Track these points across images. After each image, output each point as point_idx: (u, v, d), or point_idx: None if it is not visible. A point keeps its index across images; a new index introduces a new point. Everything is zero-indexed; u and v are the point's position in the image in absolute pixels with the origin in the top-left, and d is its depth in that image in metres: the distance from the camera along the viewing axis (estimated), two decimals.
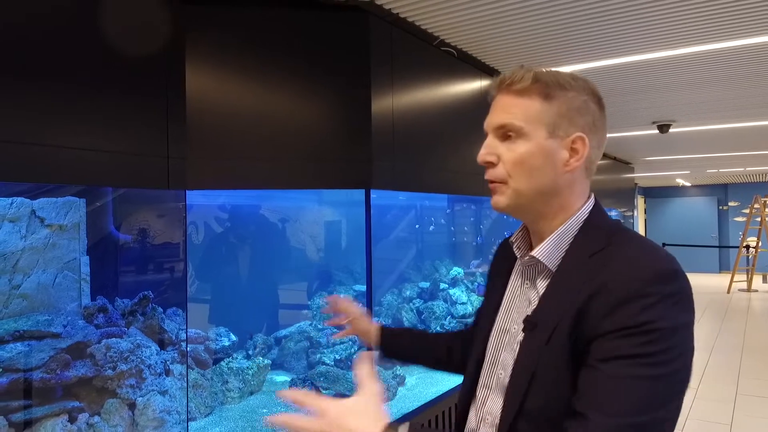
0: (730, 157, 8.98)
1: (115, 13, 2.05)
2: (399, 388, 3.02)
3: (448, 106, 3.12)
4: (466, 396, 1.08)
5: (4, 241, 2.17)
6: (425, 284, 3.84)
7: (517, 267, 1.07)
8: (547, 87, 0.97)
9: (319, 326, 3.24)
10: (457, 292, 3.81)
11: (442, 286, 3.83)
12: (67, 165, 1.91)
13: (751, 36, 2.94)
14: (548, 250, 0.98)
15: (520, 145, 0.96)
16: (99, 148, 1.99)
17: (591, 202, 1.01)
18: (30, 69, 1.80)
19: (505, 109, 0.98)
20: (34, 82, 1.81)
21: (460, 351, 1.30)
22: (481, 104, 3.40)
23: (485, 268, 4.40)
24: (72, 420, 2.06)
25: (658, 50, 3.20)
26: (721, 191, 15.43)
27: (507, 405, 0.94)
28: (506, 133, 0.98)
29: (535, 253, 0.98)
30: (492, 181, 1.00)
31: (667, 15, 2.65)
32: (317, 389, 2.79)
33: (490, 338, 1.06)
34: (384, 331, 1.41)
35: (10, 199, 2.21)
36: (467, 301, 3.80)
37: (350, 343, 3.10)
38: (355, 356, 3.04)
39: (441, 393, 3.00)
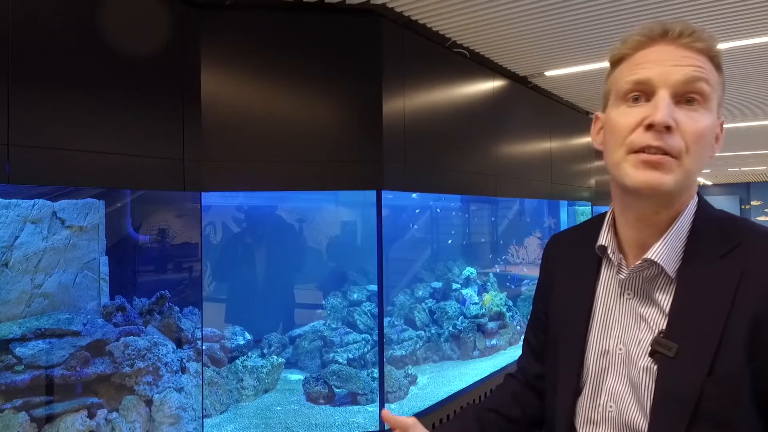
0: (751, 156, 8.82)
1: (131, 20, 2.10)
2: (411, 388, 3.04)
3: (460, 107, 3.13)
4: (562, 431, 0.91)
5: (27, 242, 2.24)
6: (438, 284, 3.85)
7: (610, 275, 0.89)
8: (718, 53, 0.79)
9: (333, 326, 3.28)
10: (470, 292, 3.82)
11: (455, 286, 3.84)
12: (87, 168, 1.97)
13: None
14: (667, 251, 0.80)
15: (703, 114, 0.77)
16: (117, 152, 2.05)
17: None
18: (50, 76, 1.86)
19: (693, 63, 0.77)
20: (54, 89, 1.87)
21: (532, 396, 1.08)
22: (493, 104, 3.41)
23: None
24: (91, 416, 2.13)
25: None
26: (743, 190, 15.16)
27: None
28: (690, 96, 0.77)
29: (652, 255, 0.80)
30: (656, 153, 0.76)
31: (682, 13, 2.62)
32: (330, 387, 2.82)
33: (585, 362, 0.88)
34: None
35: (32, 201, 2.28)
36: (479, 301, 3.81)
37: (363, 342, 3.13)
38: (367, 355, 3.07)
39: (452, 393, 3.01)
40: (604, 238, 0.88)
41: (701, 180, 14.31)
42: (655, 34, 0.79)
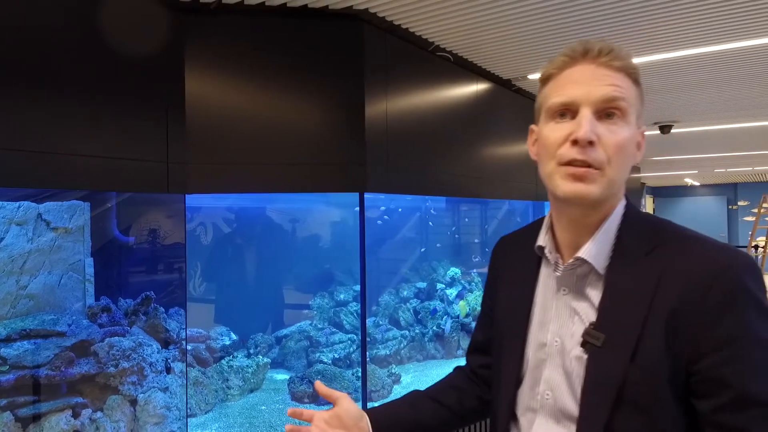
0: (737, 157, 8.93)
1: (116, 23, 2.13)
2: (394, 386, 3.08)
3: (444, 110, 3.17)
4: (504, 420, 0.97)
5: (12, 243, 2.26)
6: (422, 284, 3.90)
7: (548, 273, 0.97)
8: (635, 70, 0.88)
9: (319, 326, 3.32)
10: (454, 292, 3.86)
11: (439, 286, 3.89)
12: (70, 171, 2.00)
13: (752, 38, 2.94)
14: (596, 250, 0.88)
15: (622, 128, 0.85)
16: (101, 155, 2.07)
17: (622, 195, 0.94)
18: (35, 79, 1.89)
19: (612, 83, 0.85)
20: (37, 92, 1.90)
21: (473, 386, 1.16)
22: (477, 107, 3.46)
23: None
24: (76, 415, 2.15)
25: (657, 53, 3.21)
26: (730, 190, 15.32)
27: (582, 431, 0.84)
28: (610, 111, 0.85)
29: (582, 254, 0.88)
30: (581, 165, 0.84)
31: (666, 17, 2.65)
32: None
33: (526, 354, 0.96)
34: (374, 415, 1.06)
35: (18, 203, 2.30)
36: (456, 302, 3.86)
37: (348, 342, 3.17)
38: (353, 355, 3.11)
39: None
40: (543, 239, 0.97)
41: (689, 181, 14.45)
42: (577, 54, 0.89)
